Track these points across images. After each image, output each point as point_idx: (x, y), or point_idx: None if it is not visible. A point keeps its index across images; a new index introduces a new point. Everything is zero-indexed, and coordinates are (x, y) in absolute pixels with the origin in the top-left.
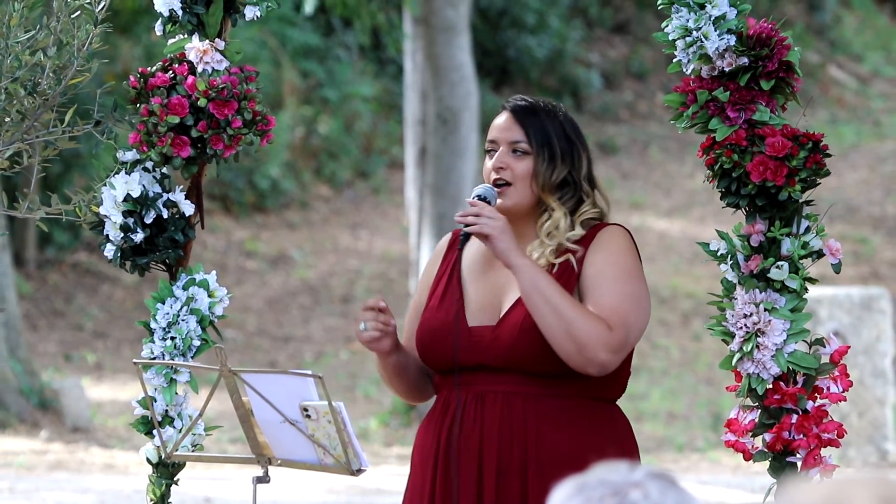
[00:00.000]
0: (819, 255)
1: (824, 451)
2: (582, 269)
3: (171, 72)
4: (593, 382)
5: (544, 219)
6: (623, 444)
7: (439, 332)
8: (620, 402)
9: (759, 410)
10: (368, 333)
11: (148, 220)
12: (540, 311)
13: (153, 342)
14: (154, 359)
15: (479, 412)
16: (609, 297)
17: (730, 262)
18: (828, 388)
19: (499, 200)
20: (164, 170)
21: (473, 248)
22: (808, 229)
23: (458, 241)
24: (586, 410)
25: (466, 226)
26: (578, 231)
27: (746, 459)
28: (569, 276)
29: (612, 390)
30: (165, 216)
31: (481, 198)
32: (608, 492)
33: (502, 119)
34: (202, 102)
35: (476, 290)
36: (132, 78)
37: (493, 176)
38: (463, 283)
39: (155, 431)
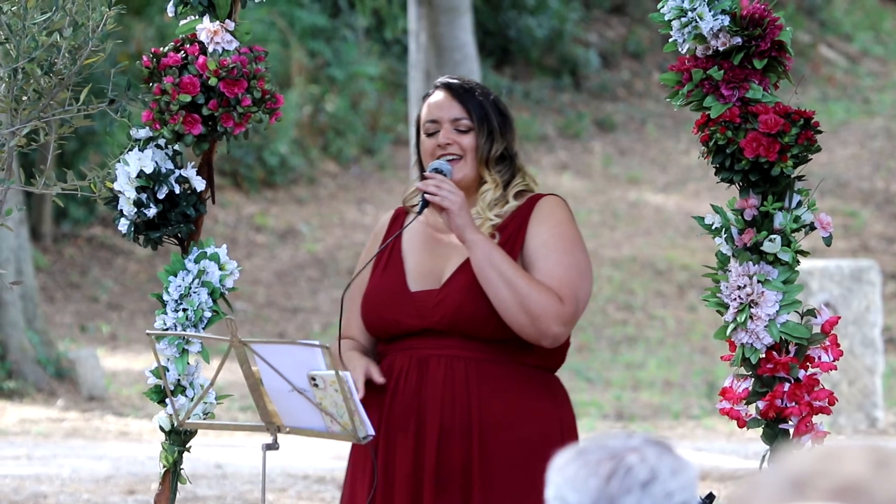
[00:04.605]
0: (810, 228)
1: (816, 419)
2: (525, 240)
3: (182, 52)
4: (535, 351)
5: (483, 190)
6: (561, 414)
7: (383, 299)
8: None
9: (753, 379)
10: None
11: (160, 196)
12: (494, 284)
13: (166, 314)
14: (167, 330)
15: (422, 375)
16: (557, 269)
17: (724, 236)
18: (819, 358)
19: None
20: (177, 147)
21: (413, 224)
22: (799, 203)
23: (403, 216)
24: (527, 377)
25: (427, 193)
26: (513, 203)
27: (740, 426)
28: (511, 248)
29: (552, 360)
30: (177, 192)
31: (439, 171)
32: (606, 456)
33: (440, 97)
34: (213, 81)
35: (416, 260)
36: (145, 58)
37: (440, 152)
38: (403, 255)
39: (167, 400)
